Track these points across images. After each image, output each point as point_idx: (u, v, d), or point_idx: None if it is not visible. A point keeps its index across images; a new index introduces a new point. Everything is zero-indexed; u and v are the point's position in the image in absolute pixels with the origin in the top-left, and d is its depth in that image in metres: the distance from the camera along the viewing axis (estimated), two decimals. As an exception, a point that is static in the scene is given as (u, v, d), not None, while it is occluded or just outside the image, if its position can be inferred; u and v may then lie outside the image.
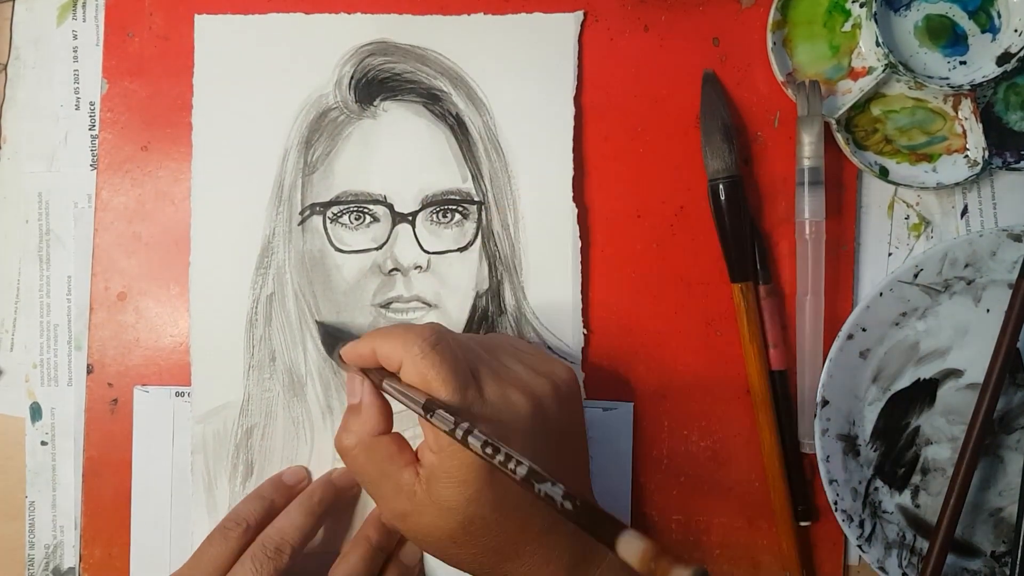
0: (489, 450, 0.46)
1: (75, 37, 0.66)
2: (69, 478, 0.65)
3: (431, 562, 0.63)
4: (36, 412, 0.65)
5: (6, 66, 0.66)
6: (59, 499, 0.65)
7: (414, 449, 0.54)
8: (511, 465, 0.45)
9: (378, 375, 0.53)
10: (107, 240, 0.65)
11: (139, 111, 0.65)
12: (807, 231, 0.62)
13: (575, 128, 0.63)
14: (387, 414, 0.54)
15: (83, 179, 0.65)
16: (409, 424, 0.60)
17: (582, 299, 0.63)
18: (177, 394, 0.64)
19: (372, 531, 0.61)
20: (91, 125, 0.65)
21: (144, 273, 0.65)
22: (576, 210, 0.63)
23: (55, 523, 0.65)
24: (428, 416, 0.48)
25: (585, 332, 0.63)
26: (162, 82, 0.65)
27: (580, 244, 0.63)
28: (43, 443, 0.65)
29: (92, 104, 0.65)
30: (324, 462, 0.63)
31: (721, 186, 0.62)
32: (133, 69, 0.65)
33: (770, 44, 0.63)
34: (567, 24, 0.64)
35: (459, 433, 0.47)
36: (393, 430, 0.55)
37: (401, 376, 0.51)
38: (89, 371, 0.64)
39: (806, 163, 0.62)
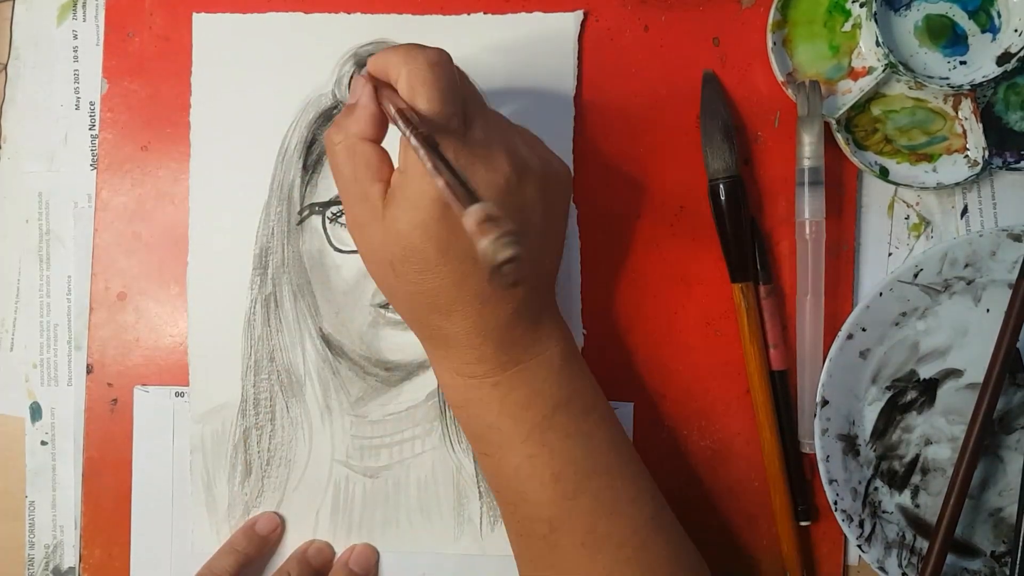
0: (424, 151, 0.45)
1: (75, 37, 0.66)
2: (69, 478, 0.65)
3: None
4: (36, 412, 0.65)
5: (6, 66, 0.66)
6: (59, 499, 0.65)
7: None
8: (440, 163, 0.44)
9: (382, 87, 0.52)
10: (107, 240, 0.65)
11: (139, 111, 0.65)
12: (807, 231, 0.62)
13: (575, 128, 0.63)
14: (378, 123, 0.52)
15: (83, 179, 0.65)
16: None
17: (582, 299, 0.63)
18: (177, 394, 0.64)
19: (294, 565, 0.62)
20: (91, 125, 0.65)
21: (144, 273, 0.65)
22: (575, 210, 0.63)
23: (55, 523, 0.65)
24: (397, 122, 0.48)
25: (585, 332, 0.63)
26: (162, 82, 0.65)
27: (580, 244, 0.63)
28: (43, 443, 0.65)
29: (92, 104, 0.65)
30: (322, 463, 0.63)
31: (721, 186, 0.62)
32: (133, 69, 0.65)
33: (770, 44, 0.63)
34: (567, 24, 0.64)
35: (412, 133, 0.46)
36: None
37: (399, 89, 0.50)
38: (89, 371, 0.64)
39: (806, 163, 0.62)
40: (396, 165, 0.52)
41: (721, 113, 0.62)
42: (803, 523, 0.63)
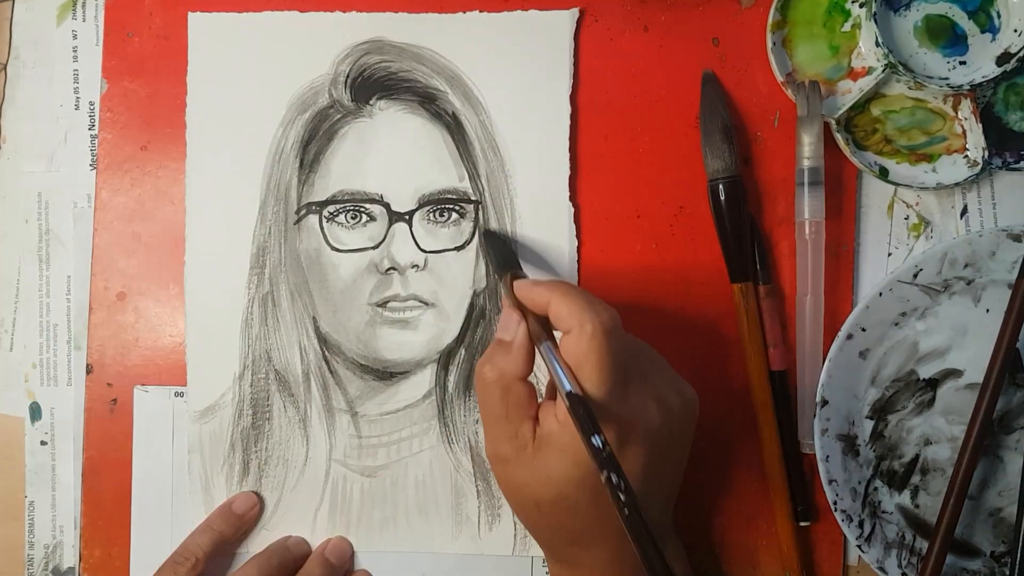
0: (607, 461, 0.46)
1: (75, 37, 0.66)
2: (69, 478, 0.65)
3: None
4: (36, 412, 0.65)
5: (6, 66, 0.66)
6: (59, 499, 0.65)
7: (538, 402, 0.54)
8: (617, 481, 0.46)
9: (538, 327, 0.53)
10: (107, 240, 0.65)
11: (139, 111, 0.65)
12: (807, 231, 0.62)
13: (573, 127, 0.64)
14: (532, 361, 0.54)
15: (83, 179, 0.65)
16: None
17: (581, 299, 0.63)
18: (176, 394, 0.64)
19: (316, 568, 0.62)
20: (91, 125, 0.65)
21: (143, 273, 0.65)
22: (572, 209, 0.63)
23: (55, 523, 0.65)
24: (568, 403, 0.48)
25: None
26: (162, 82, 0.65)
27: (577, 243, 0.63)
28: (43, 443, 0.65)
29: (92, 104, 0.66)
30: (320, 461, 0.63)
31: (721, 186, 0.62)
32: (133, 69, 0.65)
33: (770, 44, 0.63)
34: (563, 21, 0.64)
35: (589, 437, 0.47)
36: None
37: (561, 343, 0.51)
38: (88, 371, 0.65)
39: (806, 163, 0.61)
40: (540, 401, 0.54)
41: (720, 113, 0.62)
42: (803, 523, 0.63)
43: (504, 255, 0.60)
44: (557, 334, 0.52)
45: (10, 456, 0.66)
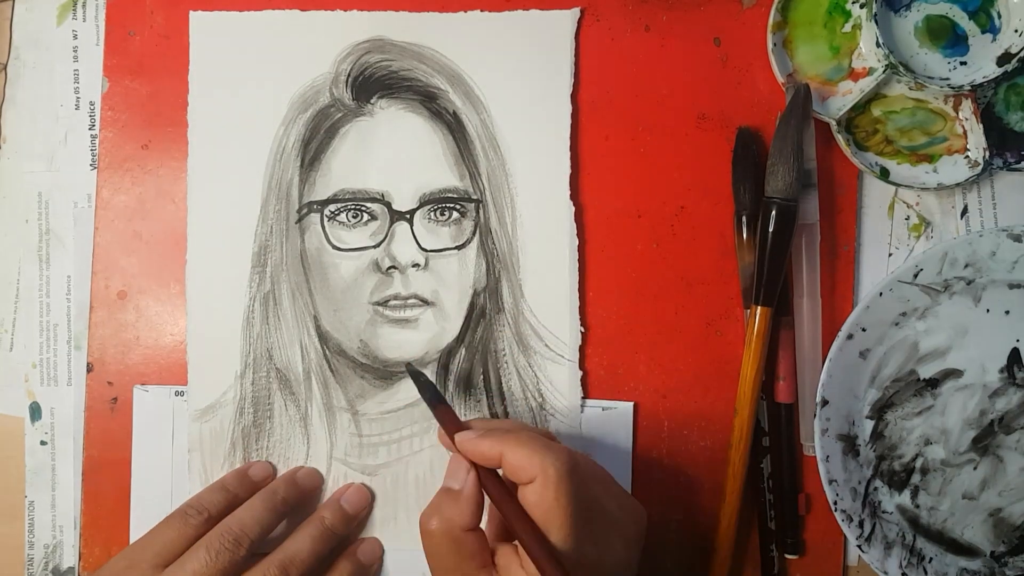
0: None
1: (75, 37, 0.66)
2: (68, 478, 0.65)
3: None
4: (36, 412, 0.65)
5: (6, 66, 0.66)
6: (58, 499, 0.65)
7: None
8: None
9: (489, 476, 0.52)
10: (107, 239, 0.65)
11: (140, 109, 0.65)
12: (802, 233, 0.62)
13: (574, 126, 0.64)
14: (481, 510, 0.52)
15: (83, 178, 0.66)
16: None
17: (581, 297, 0.63)
18: (177, 393, 0.64)
19: (328, 512, 0.61)
20: (91, 125, 0.66)
21: (144, 272, 0.65)
22: (573, 208, 0.63)
23: (55, 523, 0.65)
24: (544, 555, 0.48)
25: (582, 330, 0.63)
26: (163, 81, 0.65)
27: (577, 242, 0.63)
28: (42, 443, 0.65)
29: (92, 104, 0.66)
30: (320, 461, 0.64)
31: (775, 207, 0.60)
32: (134, 68, 0.65)
33: (770, 45, 0.63)
34: (564, 21, 0.64)
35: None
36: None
37: (523, 494, 0.50)
38: (89, 370, 0.64)
39: (801, 166, 0.61)
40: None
41: (802, 133, 0.60)
42: (789, 556, 0.63)
43: (431, 388, 0.58)
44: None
45: (10, 456, 0.66)
